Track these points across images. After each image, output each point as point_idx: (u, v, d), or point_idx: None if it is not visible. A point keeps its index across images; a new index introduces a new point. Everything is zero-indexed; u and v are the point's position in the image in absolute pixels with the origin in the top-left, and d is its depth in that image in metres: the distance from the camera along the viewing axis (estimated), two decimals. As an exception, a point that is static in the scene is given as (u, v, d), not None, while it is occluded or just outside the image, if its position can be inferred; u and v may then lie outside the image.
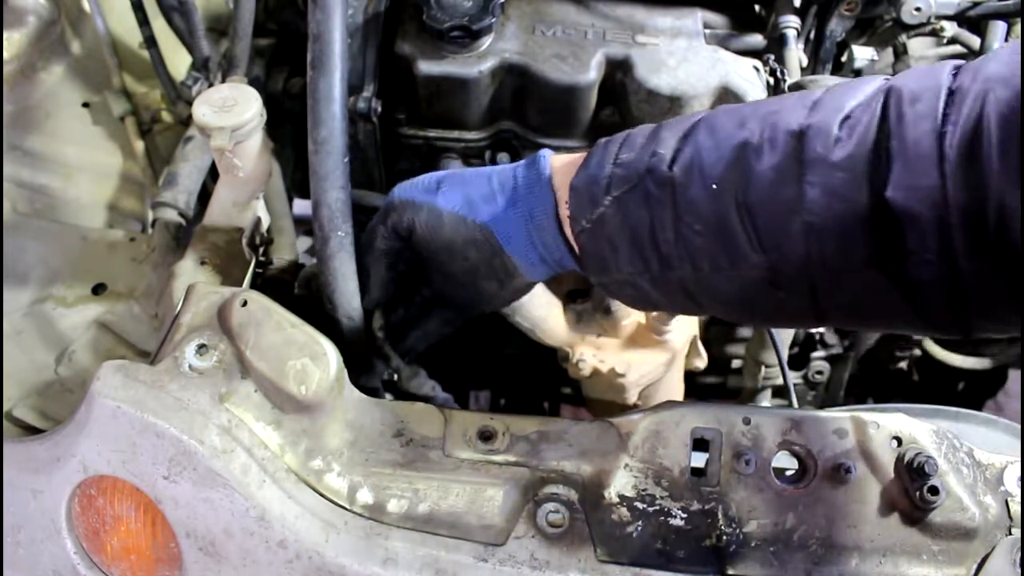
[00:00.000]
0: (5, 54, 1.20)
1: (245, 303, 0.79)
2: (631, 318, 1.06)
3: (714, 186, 0.63)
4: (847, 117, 0.59)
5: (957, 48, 1.38)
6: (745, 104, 0.69)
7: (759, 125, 0.63)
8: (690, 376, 1.20)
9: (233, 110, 0.87)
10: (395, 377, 1.04)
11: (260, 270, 0.99)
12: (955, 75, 0.56)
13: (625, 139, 0.74)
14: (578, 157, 0.78)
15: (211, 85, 1.12)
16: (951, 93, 0.55)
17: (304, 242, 1.33)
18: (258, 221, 1.00)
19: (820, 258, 0.60)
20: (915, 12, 1.09)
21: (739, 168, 0.63)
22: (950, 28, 1.25)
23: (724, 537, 0.75)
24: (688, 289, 0.70)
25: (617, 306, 1.04)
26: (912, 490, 0.74)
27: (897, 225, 0.55)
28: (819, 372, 1.43)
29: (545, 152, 0.80)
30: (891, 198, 0.55)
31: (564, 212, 0.76)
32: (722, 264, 0.65)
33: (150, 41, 1.25)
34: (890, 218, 0.55)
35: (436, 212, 0.82)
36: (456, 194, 0.82)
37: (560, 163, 0.79)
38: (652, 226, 0.68)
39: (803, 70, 1.14)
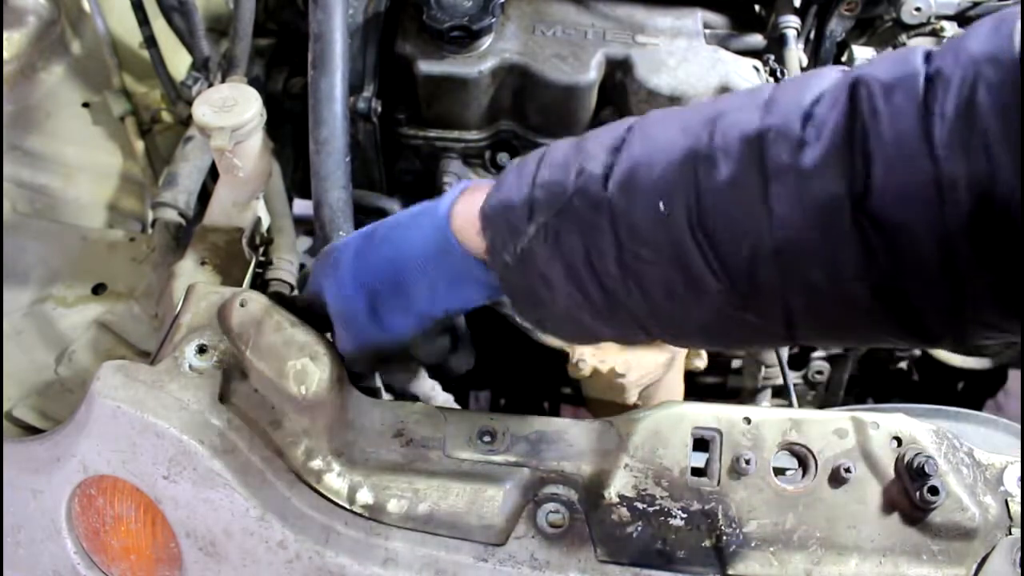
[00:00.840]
0: (5, 54, 1.20)
1: (245, 303, 0.79)
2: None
3: (661, 205, 0.54)
4: (809, 115, 0.51)
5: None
6: (678, 108, 0.61)
7: (705, 130, 0.55)
8: (690, 376, 1.20)
9: (233, 110, 0.87)
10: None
11: (260, 270, 0.99)
12: (928, 59, 0.49)
13: (543, 156, 0.63)
14: (484, 184, 0.68)
15: (211, 85, 1.12)
16: (930, 80, 0.48)
17: (304, 242, 1.32)
18: (258, 221, 1.00)
19: (796, 279, 0.52)
20: (915, 12, 1.09)
21: (688, 183, 0.54)
22: (950, 28, 1.25)
23: (724, 537, 0.75)
24: (639, 320, 0.61)
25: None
26: (912, 490, 0.74)
27: (885, 235, 0.48)
28: (819, 372, 1.43)
29: (450, 203, 0.68)
30: (876, 206, 0.48)
31: (478, 244, 0.65)
32: (678, 292, 0.56)
33: (150, 41, 1.25)
34: (877, 228, 0.48)
35: (397, 340, 0.75)
36: (398, 315, 0.72)
37: (470, 200, 0.68)
38: (588, 255, 0.58)
39: (803, 70, 1.14)
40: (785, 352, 1.19)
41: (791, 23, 1.14)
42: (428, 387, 1.05)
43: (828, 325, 0.56)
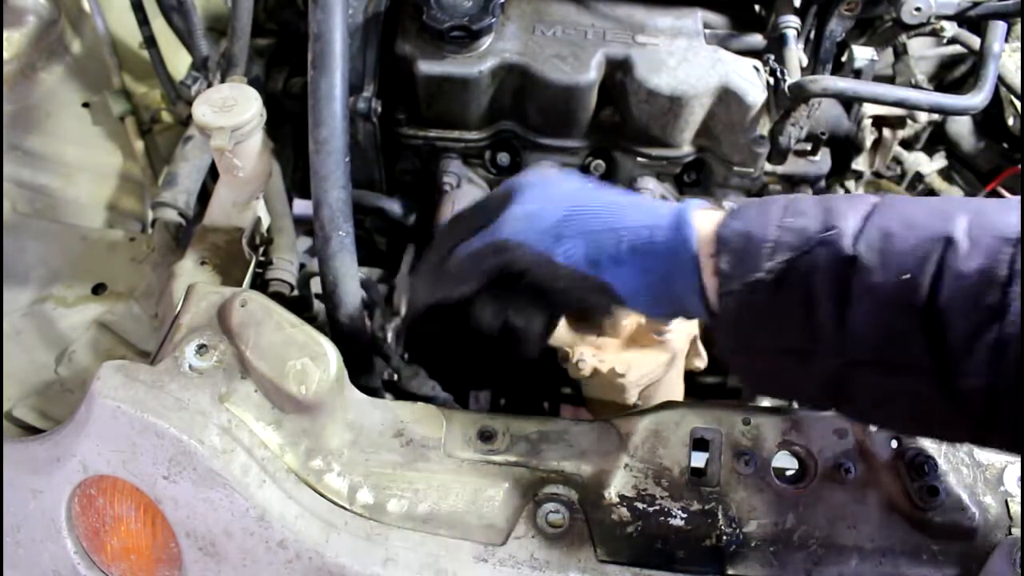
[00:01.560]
0: (5, 54, 1.20)
1: (245, 303, 0.79)
2: (631, 318, 1.06)
3: (906, 276, 0.57)
4: None
5: (957, 48, 1.38)
6: (927, 199, 0.65)
7: (965, 220, 0.58)
8: (690, 376, 1.20)
9: (233, 110, 0.87)
10: (395, 376, 1.04)
11: (260, 270, 0.99)
12: None
13: (789, 202, 0.66)
14: (708, 206, 0.72)
15: (210, 85, 1.12)
16: None
17: (304, 242, 1.32)
18: (258, 221, 1.01)
19: (1012, 375, 0.54)
20: (915, 12, 1.09)
21: (936, 263, 0.57)
22: (950, 28, 1.25)
23: (724, 537, 0.75)
24: (831, 382, 0.63)
25: (617, 306, 1.04)
26: (912, 490, 0.74)
27: None
28: (819, 372, 1.42)
29: (690, 211, 0.71)
30: None
31: (708, 268, 0.68)
32: (885, 361, 0.59)
33: (150, 41, 1.25)
34: None
35: (553, 266, 0.73)
36: (578, 249, 0.73)
37: (705, 218, 0.70)
38: (812, 303, 0.61)
39: (803, 70, 1.14)
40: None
41: (791, 23, 1.14)
42: (428, 387, 1.05)
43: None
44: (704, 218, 0.69)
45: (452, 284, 0.78)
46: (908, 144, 1.46)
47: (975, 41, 1.26)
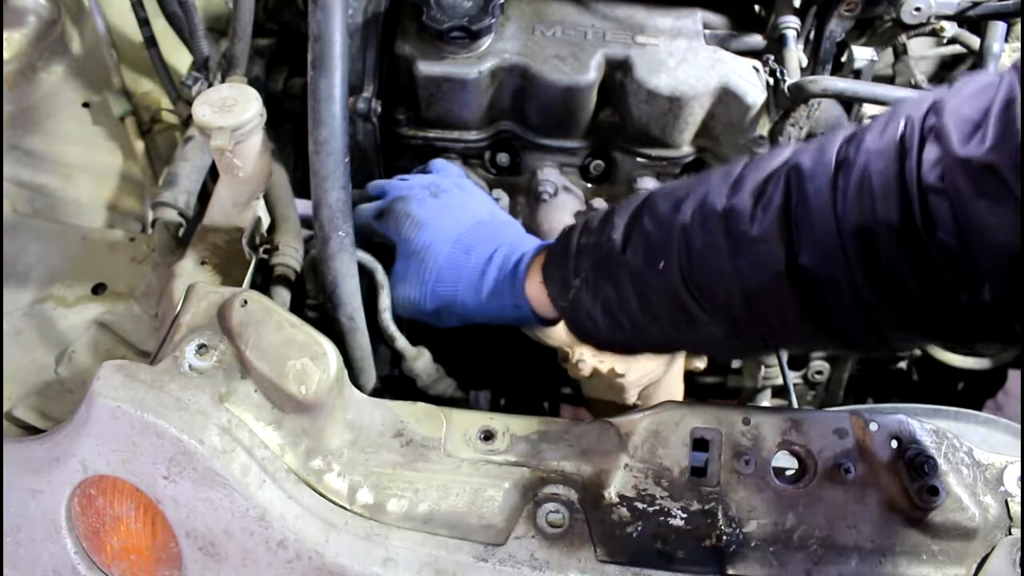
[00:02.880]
0: (5, 54, 1.20)
1: (245, 303, 0.79)
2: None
3: (662, 265, 0.73)
4: (760, 194, 0.68)
5: (957, 48, 1.38)
6: (679, 184, 0.79)
7: (691, 207, 0.73)
8: (690, 376, 1.20)
9: (233, 110, 0.87)
10: (399, 359, 1.04)
11: (265, 256, 0.99)
12: (839, 150, 0.65)
13: (585, 223, 0.85)
14: (542, 250, 0.91)
15: (211, 85, 1.12)
16: (839, 164, 0.64)
17: (304, 235, 1.33)
18: (258, 221, 1.00)
19: (761, 316, 0.70)
20: (915, 12, 1.09)
21: (680, 248, 0.72)
22: (950, 28, 1.25)
23: (724, 537, 0.75)
24: (660, 344, 0.87)
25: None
26: (912, 490, 0.74)
27: (815, 284, 0.65)
28: (819, 372, 1.42)
29: (526, 274, 0.90)
30: (804, 264, 0.64)
31: (542, 294, 0.88)
32: (683, 327, 0.75)
33: (150, 41, 1.25)
34: (808, 279, 0.65)
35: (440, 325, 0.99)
36: (455, 320, 0.97)
37: (536, 269, 0.90)
38: (619, 298, 0.78)
39: (803, 70, 1.14)
40: (785, 352, 1.19)
41: (791, 23, 1.14)
42: (433, 369, 1.03)
43: (792, 343, 0.93)
44: (536, 269, 0.89)
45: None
46: (908, 144, 1.46)
47: (975, 41, 1.26)
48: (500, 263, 0.93)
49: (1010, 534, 0.76)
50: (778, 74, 1.07)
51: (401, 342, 1.00)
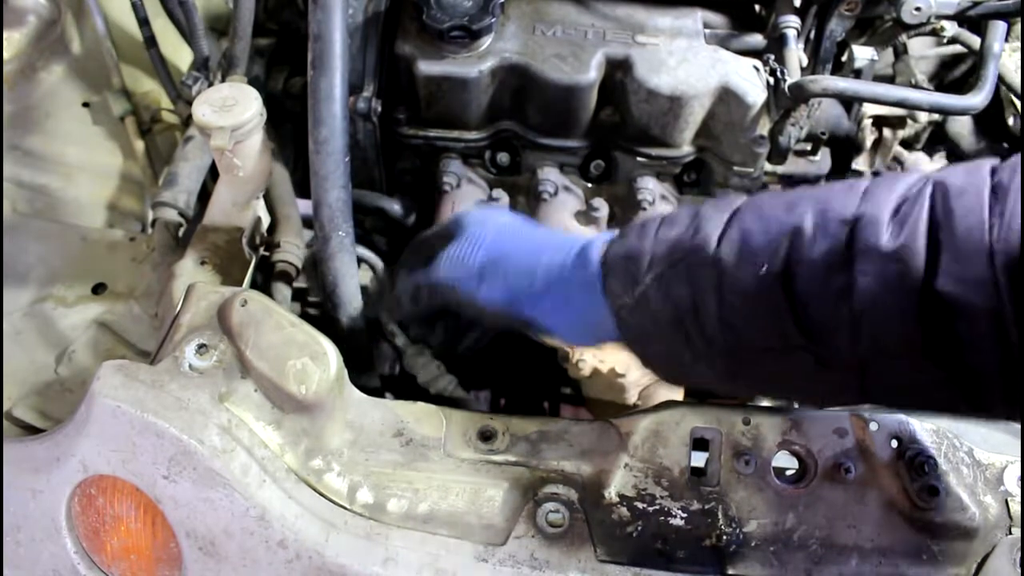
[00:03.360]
0: (5, 54, 1.20)
1: (245, 303, 0.79)
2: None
3: (763, 269, 0.63)
4: (897, 209, 0.60)
5: (957, 48, 1.38)
6: (787, 191, 0.69)
7: (810, 210, 0.64)
8: (690, 376, 1.20)
9: (233, 110, 0.87)
10: (399, 356, 1.04)
11: (267, 253, 0.99)
12: (994, 172, 0.58)
13: (666, 217, 0.74)
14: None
15: (211, 84, 1.12)
16: (994, 189, 0.57)
17: (305, 235, 1.33)
18: (258, 221, 1.01)
19: (871, 345, 0.60)
20: (915, 12, 1.09)
21: (788, 253, 0.62)
22: (950, 28, 1.25)
23: (724, 537, 0.75)
24: (730, 367, 0.69)
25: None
26: (912, 490, 0.74)
27: (949, 315, 0.56)
28: (819, 372, 1.42)
29: (595, 243, 0.78)
30: (942, 288, 0.56)
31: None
32: (767, 345, 0.65)
33: (150, 41, 1.25)
34: (942, 308, 0.56)
35: (478, 305, 0.83)
36: (498, 289, 0.81)
37: (606, 247, 0.77)
38: (695, 304, 0.67)
39: (803, 70, 1.14)
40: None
41: (791, 23, 1.14)
42: (433, 367, 1.03)
43: (899, 391, 0.64)
44: (605, 247, 0.76)
45: (405, 308, 0.90)
46: (908, 144, 1.46)
47: (975, 41, 1.26)
48: (562, 262, 0.80)
49: (1010, 534, 0.75)
50: (778, 74, 1.07)
51: (402, 339, 1.00)
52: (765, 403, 1.39)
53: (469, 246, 0.84)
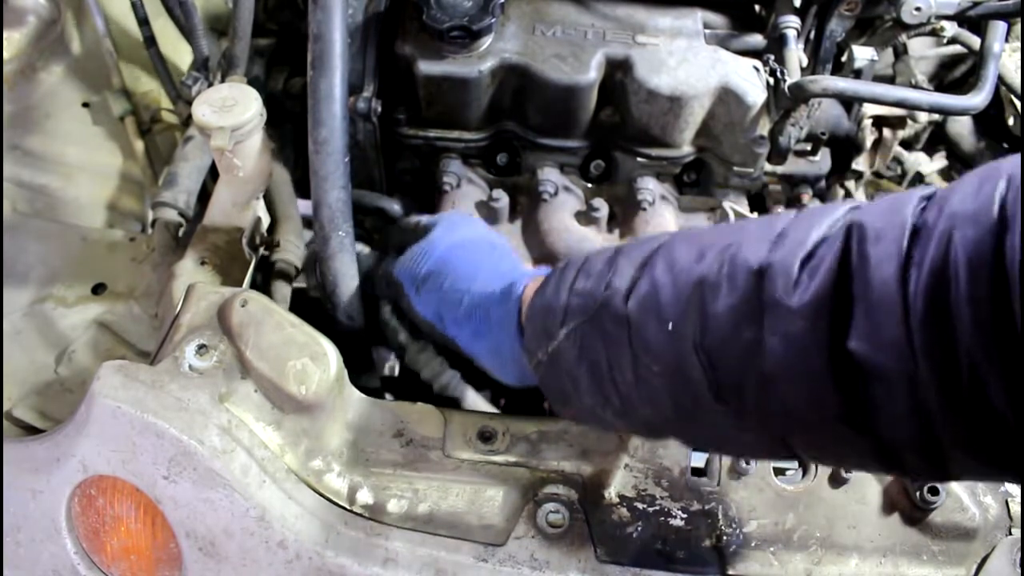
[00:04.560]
0: (5, 54, 1.20)
1: (245, 303, 0.79)
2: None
3: (670, 326, 0.59)
4: (810, 256, 0.54)
5: (957, 48, 1.38)
6: (705, 231, 0.65)
7: (718, 259, 0.58)
8: (690, 376, 1.20)
9: (233, 110, 0.87)
10: (402, 353, 1.04)
11: (267, 252, 1.00)
12: (923, 208, 0.51)
13: (583, 264, 0.71)
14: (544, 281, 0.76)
15: (211, 84, 1.12)
16: (916, 231, 0.49)
17: (304, 235, 1.33)
18: (258, 221, 1.00)
19: (783, 410, 0.55)
20: (915, 12, 1.09)
21: (696, 307, 0.58)
22: (950, 28, 1.25)
23: (724, 537, 0.75)
24: (653, 427, 0.67)
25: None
26: (912, 490, 0.74)
27: (863, 378, 0.50)
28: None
29: (521, 281, 0.78)
30: (854, 349, 0.49)
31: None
32: (684, 408, 0.60)
33: (150, 41, 1.25)
34: (854, 370, 0.50)
35: (414, 311, 0.88)
36: (430, 304, 0.85)
37: (533, 291, 0.76)
38: (610, 363, 0.64)
39: (803, 70, 1.14)
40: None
41: (791, 23, 1.14)
42: (437, 363, 1.03)
43: (821, 452, 0.59)
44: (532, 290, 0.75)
45: (381, 291, 0.94)
46: (908, 144, 1.46)
47: (975, 41, 1.26)
48: (495, 301, 0.80)
49: (1010, 534, 0.76)
50: (778, 74, 1.07)
51: (404, 335, 1.00)
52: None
53: (422, 252, 0.87)
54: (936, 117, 1.40)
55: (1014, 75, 1.30)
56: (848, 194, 1.37)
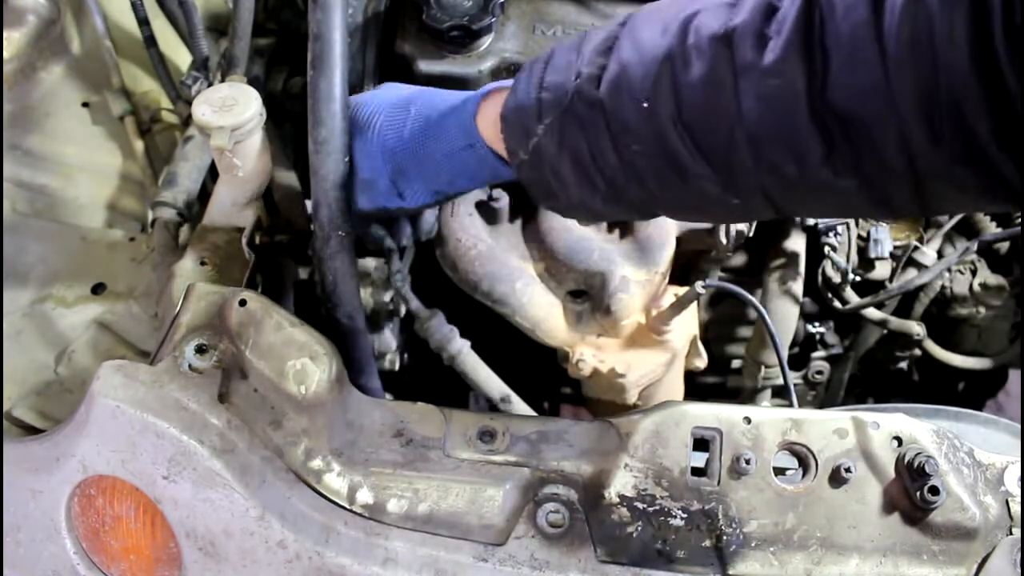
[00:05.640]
0: (5, 54, 1.20)
1: (245, 303, 0.79)
2: (631, 318, 1.06)
3: (645, 104, 0.59)
4: (773, 9, 0.53)
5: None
6: (665, 5, 0.63)
7: (680, 31, 0.58)
8: (690, 376, 1.20)
9: (233, 110, 0.87)
10: (411, 321, 1.04)
11: (269, 237, 1.00)
12: None
13: (549, 58, 0.70)
14: (504, 87, 0.75)
15: (211, 84, 1.12)
16: None
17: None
18: (258, 221, 1.01)
19: (769, 166, 0.56)
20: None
21: (667, 82, 0.58)
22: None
23: (724, 537, 0.75)
24: (642, 204, 0.69)
25: (617, 306, 1.04)
26: (912, 490, 0.74)
27: (845, 124, 0.51)
28: (819, 372, 1.42)
29: (473, 99, 0.77)
30: (832, 100, 0.50)
31: (498, 142, 0.74)
32: (670, 181, 0.62)
33: (150, 41, 1.25)
34: (837, 118, 0.51)
35: (364, 163, 0.86)
36: (376, 144, 0.84)
37: (493, 105, 0.75)
38: (591, 150, 0.64)
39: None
40: (785, 352, 1.19)
41: None
42: (446, 330, 1.02)
43: (806, 203, 0.64)
44: (492, 102, 0.74)
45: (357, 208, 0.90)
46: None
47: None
48: (445, 109, 0.79)
49: (1011, 534, 0.75)
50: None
51: (415, 303, 0.99)
52: (765, 403, 1.40)
53: (367, 158, 0.84)
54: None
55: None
56: None
